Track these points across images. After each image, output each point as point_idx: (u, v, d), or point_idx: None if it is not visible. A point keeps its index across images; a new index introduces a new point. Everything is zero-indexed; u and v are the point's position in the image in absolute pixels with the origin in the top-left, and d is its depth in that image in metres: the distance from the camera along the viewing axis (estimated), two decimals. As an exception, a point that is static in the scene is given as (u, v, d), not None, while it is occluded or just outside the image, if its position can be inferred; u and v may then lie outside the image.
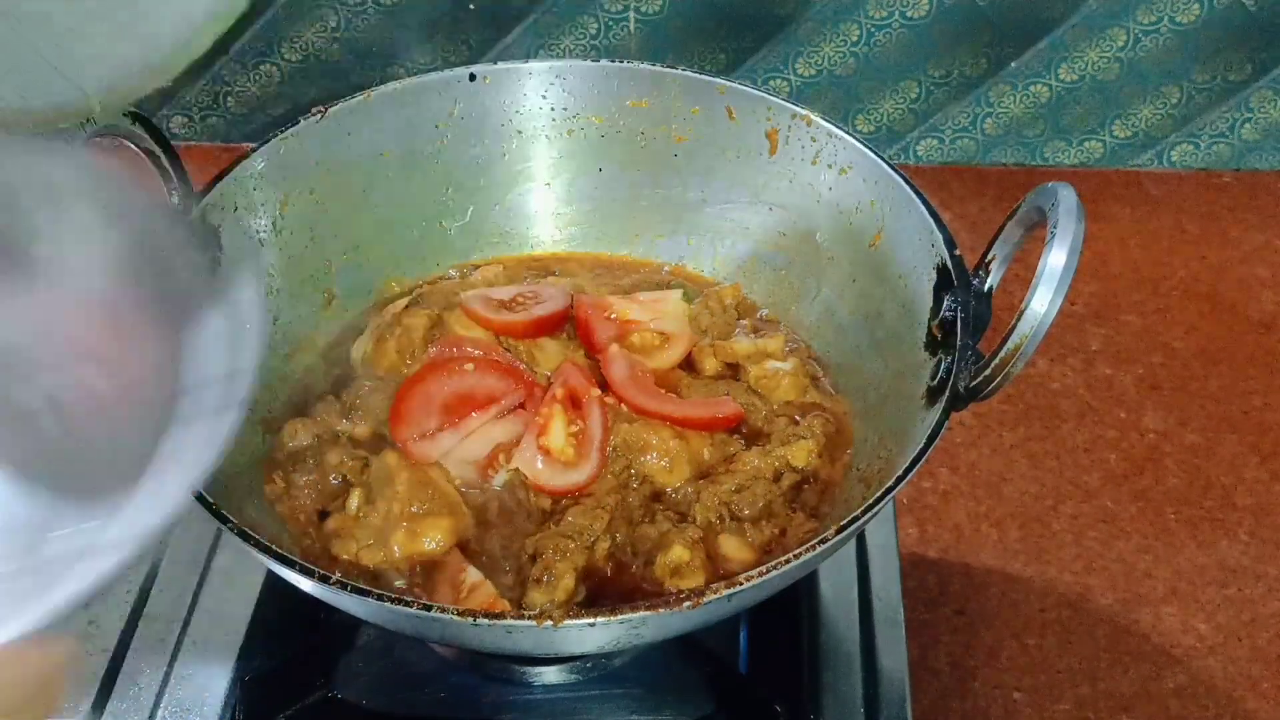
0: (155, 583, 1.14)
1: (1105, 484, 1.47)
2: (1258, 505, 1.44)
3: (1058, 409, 1.54)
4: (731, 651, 1.07)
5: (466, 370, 1.07)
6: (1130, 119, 1.82)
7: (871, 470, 1.05)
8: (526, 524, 1.04)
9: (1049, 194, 0.95)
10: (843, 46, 1.77)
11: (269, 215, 1.16)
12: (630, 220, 1.27)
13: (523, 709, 1.05)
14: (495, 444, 1.06)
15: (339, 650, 1.08)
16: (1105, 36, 1.75)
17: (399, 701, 1.05)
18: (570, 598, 0.99)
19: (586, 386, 1.08)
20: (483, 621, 0.87)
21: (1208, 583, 1.37)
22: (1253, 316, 1.65)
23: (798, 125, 1.18)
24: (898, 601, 1.14)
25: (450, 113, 1.23)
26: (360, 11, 1.77)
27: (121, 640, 1.10)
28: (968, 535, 1.42)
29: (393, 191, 1.23)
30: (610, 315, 1.15)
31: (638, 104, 1.23)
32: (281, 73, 1.83)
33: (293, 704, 1.04)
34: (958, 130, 1.84)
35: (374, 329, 1.15)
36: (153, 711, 1.06)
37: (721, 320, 1.17)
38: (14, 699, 0.61)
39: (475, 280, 1.20)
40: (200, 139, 1.89)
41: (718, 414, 1.09)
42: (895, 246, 1.11)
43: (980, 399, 0.96)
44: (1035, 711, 1.27)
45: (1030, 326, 0.91)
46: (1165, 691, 1.28)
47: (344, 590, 0.88)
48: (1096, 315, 1.65)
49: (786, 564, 0.89)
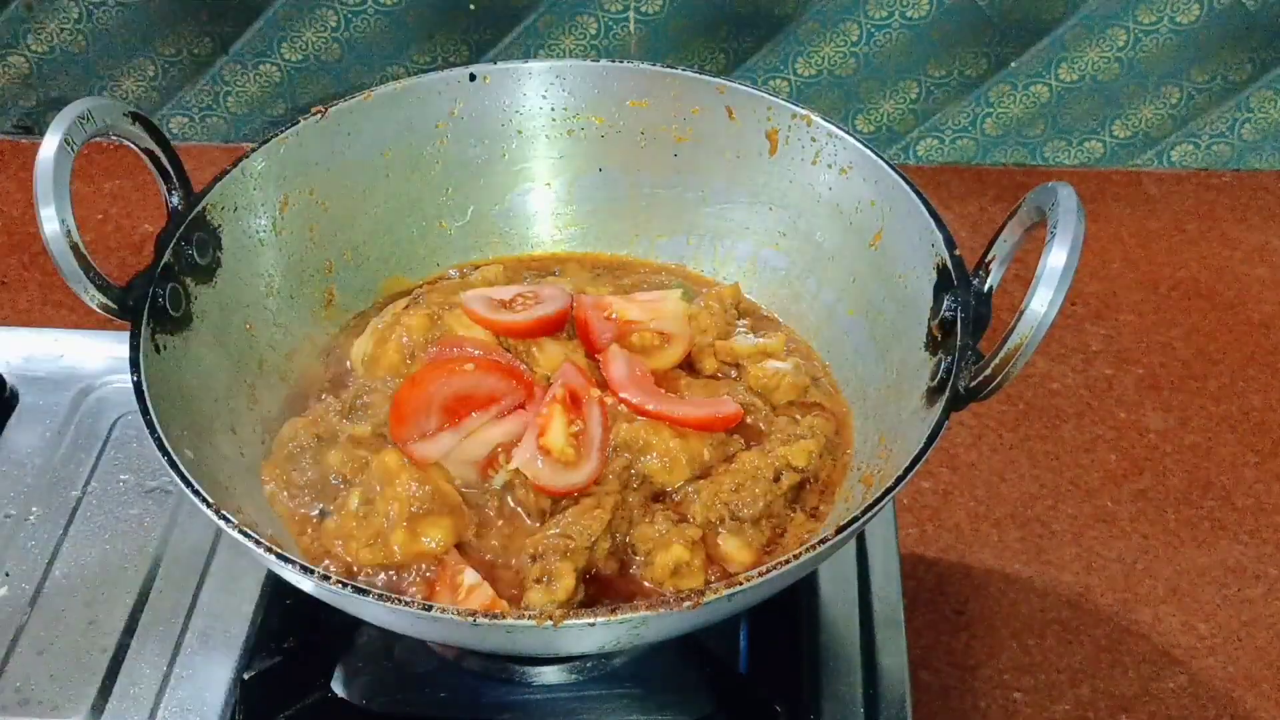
0: (155, 583, 1.14)
1: (1105, 484, 1.47)
2: (1258, 505, 1.44)
3: (1058, 409, 1.54)
4: (731, 651, 1.07)
5: (466, 370, 1.07)
6: (1130, 119, 1.82)
7: (871, 470, 1.05)
8: (526, 524, 1.04)
9: (1049, 194, 0.95)
10: (843, 46, 1.77)
11: (269, 215, 1.16)
12: (630, 220, 1.27)
13: (523, 709, 1.05)
14: (495, 444, 1.06)
15: (339, 650, 1.08)
16: (1105, 36, 1.75)
17: (399, 701, 1.05)
18: (570, 598, 0.99)
19: (586, 386, 1.08)
20: (483, 621, 0.87)
21: (1208, 583, 1.37)
22: (1253, 316, 1.65)
23: (798, 125, 1.18)
24: (898, 601, 1.14)
25: (450, 113, 1.23)
26: (360, 11, 1.78)
27: (121, 640, 1.10)
28: (968, 535, 1.42)
29: (393, 191, 1.23)
30: (610, 315, 1.15)
31: (638, 104, 1.23)
32: (281, 73, 1.83)
33: (293, 704, 1.04)
34: (958, 130, 1.84)
35: (374, 329, 1.15)
36: (153, 711, 1.06)
37: (721, 320, 1.17)
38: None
39: (475, 280, 1.20)
40: (200, 139, 1.89)
41: (718, 414, 1.09)
42: (895, 246, 1.11)
43: (980, 399, 0.96)
44: (1035, 711, 1.27)
45: (1030, 326, 0.91)
46: (1165, 691, 1.29)
47: (344, 590, 0.88)
48: (1096, 315, 1.66)
49: (786, 564, 0.89)
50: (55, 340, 1.34)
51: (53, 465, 1.23)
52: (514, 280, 1.22)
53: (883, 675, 1.08)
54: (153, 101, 1.86)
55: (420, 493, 1.02)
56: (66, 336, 1.35)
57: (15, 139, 1.91)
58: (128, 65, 1.84)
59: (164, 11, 1.79)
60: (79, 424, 1.26)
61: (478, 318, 1.12)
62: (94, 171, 1.84)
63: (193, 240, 1.08)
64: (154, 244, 1.06)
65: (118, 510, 1.20)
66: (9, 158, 1.89)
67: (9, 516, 1.19)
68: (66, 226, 0.97)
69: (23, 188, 1.82)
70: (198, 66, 1.83)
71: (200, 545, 1.17)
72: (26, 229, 1.77)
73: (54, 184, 0.97)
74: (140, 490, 1.21)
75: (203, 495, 0.93)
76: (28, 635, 1.10)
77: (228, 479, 1.03)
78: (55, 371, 1.31)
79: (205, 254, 1.10)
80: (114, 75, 1.85)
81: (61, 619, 1.11)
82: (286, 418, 1.12)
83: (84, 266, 0.98)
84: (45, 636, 1.10)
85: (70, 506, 1.20)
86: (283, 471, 1.07)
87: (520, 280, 1.23)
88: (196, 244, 1.09)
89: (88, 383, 1.30)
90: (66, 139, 0.98)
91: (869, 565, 1.16)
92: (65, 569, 1.15)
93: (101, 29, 1.81)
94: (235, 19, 1.79)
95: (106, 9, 1.79)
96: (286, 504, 1.06)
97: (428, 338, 1.12)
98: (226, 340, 1.11)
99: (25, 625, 1.11)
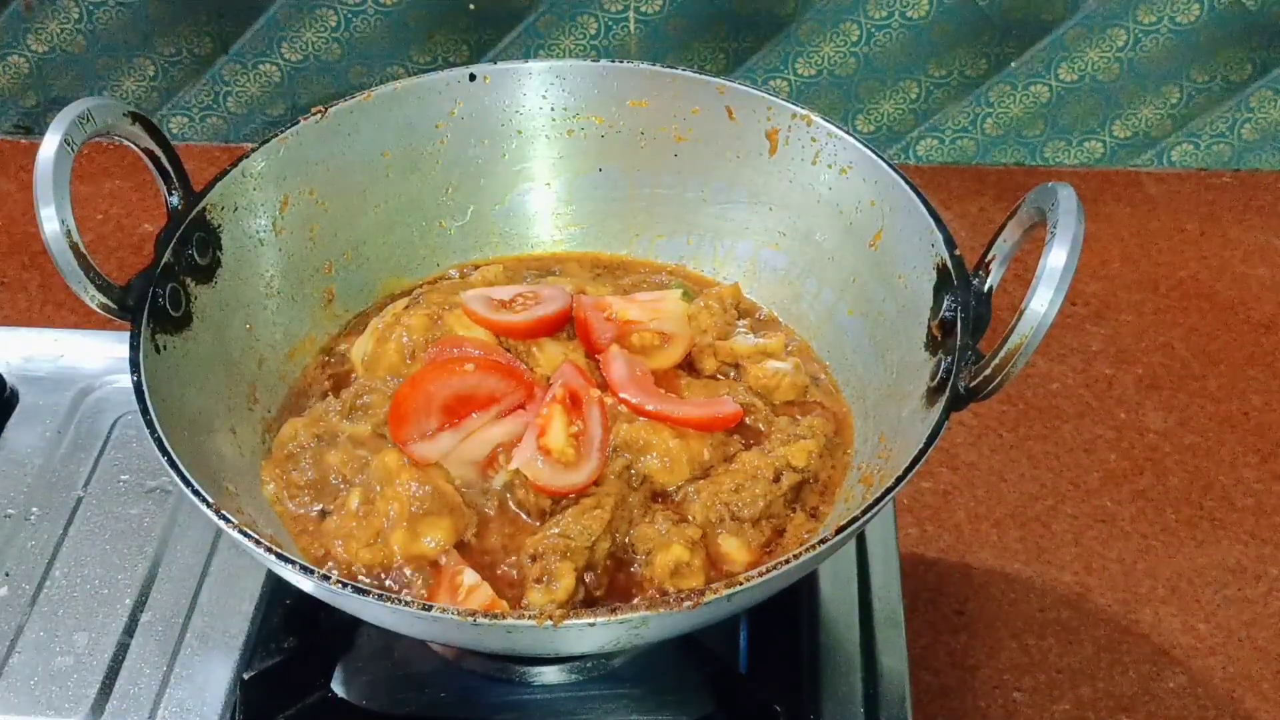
0: (155, 583, 1.14)
1: (1105, 484, 1.47)
2: (1258, 505, 1.44)
3: (1058, 409, 1.54)
4: (731, 651, 1.07)
5: (467, 370, 1.07)
6: (1130, 119, 1.82)
7: (871, 470, 1.05)
8: (526, 524, 1.04)
9: (1049, 194, 0.95)
10: (843, 46, 1.77)
11: (269, 215, 1.16)
12: (630, 220, 1.27)
13: (523, 709, 1.05)
14: (495, 444, 1.06)
15: (339, 650, 1.08)
16: (1105, 36, 1.75)
17: (399, 701, 1.05)
18: (570, 598, 0.99)
19: (586, 387, 1.08)
20: (483, 621, 0.87)
21: (1208, 583, 1.37)
22: (1253, 316, 1.65)
23: (798, 125, 1.18)
24: (898, 601, 1.14)
25: (450, 113, 1.23)
26: (360, 11, 1.78)
27: (121, 640, 1.10)
28: (968, 535, 1.42)
29: (393, 191, 1.23)
30: (610, 315, 1.15)
31: (638, 104, 1.23)
32: (281, 73, 1.83)
33: (293, 704, 1.04)
34: (958, 130, 1.84)
35: (374, 329, 1.15)
36: (153, 711, 1.06)
37: (721, 320, 1.17)
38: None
39: (475, 280, 1.20)
40: (200, 139, 1.89)
41: (718, 414, 1.09)
42: (895, 246, 1.11)
43: (980, 399, 0.96)
44: (1035, 711, 1.27)
45: (1030, 326, 0.91)
46: (1165, 691, 1.29)
47: (344, 590, 0.88)
48: (1096, 315, 1.66)
49: (786, 564, 0.89)
50: (55, 340, 1.34)
51: (53, 465, 1.23)
52: (514, 280, 1.22)
53: (883, 675, 1.08)
54: (153, 101, 1.87)
55: (420, 493, 1.02)
56: (66, 336, 1.35)
57: (15, 139, 1.91)
58: (128, 65, 1.84)
59: (164, 11, 1.79)
60: (79, 424, 1.27)
61: (478, 318, 1.12)
62: (94, 171, 1.84)
63: (193, 240, 1.08)
64: (154, 244, 1.06)
65: (118, 510, 1.20)
66: (9, 158, 1.89)
67: (9, 516, 1.19)
68: (66, 226, 0.97)
69: (23, 188, 1.83)
70: (198, 66, 1.83)
71: (200, 545, 1.17)
72: (26, 229, 1.77)
73: (54, 184, 0.97)
74: (140, 490, 1.21)
75: (203, 495, 0.93)
76: (28, 635, 1.10)
77: (228, 479, 1.03)
78: (55, 371, 1.31)
79: (205, 254, 1.10)
80: (114, 75, 1.85)
81: (61, 619, 1.11)
82: (286, 418, 1.12)
83: (84, 266, 0.99)
84: (45, 636, 1.10)
85: (70, 506, 1.20)
86: (283, 471, 1.07)
87: (520, 280, 1.23)
88: (196, 244, 1.09)
89: (88, 383, 1.30)
90: (66, 139, 0.98)
91: (869, 565, 1.16)
92: (65, 569, 1.15)
93: (101, 29, 1.81)
94: (235, 19, 1.79)
95: (106, 9, 1.79)
96: (286, 504, 1.06)
97: (428, 338, 1.12)
98: (226, 340, 1.11)
99: (25, 625, 1.11)
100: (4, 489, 1.21)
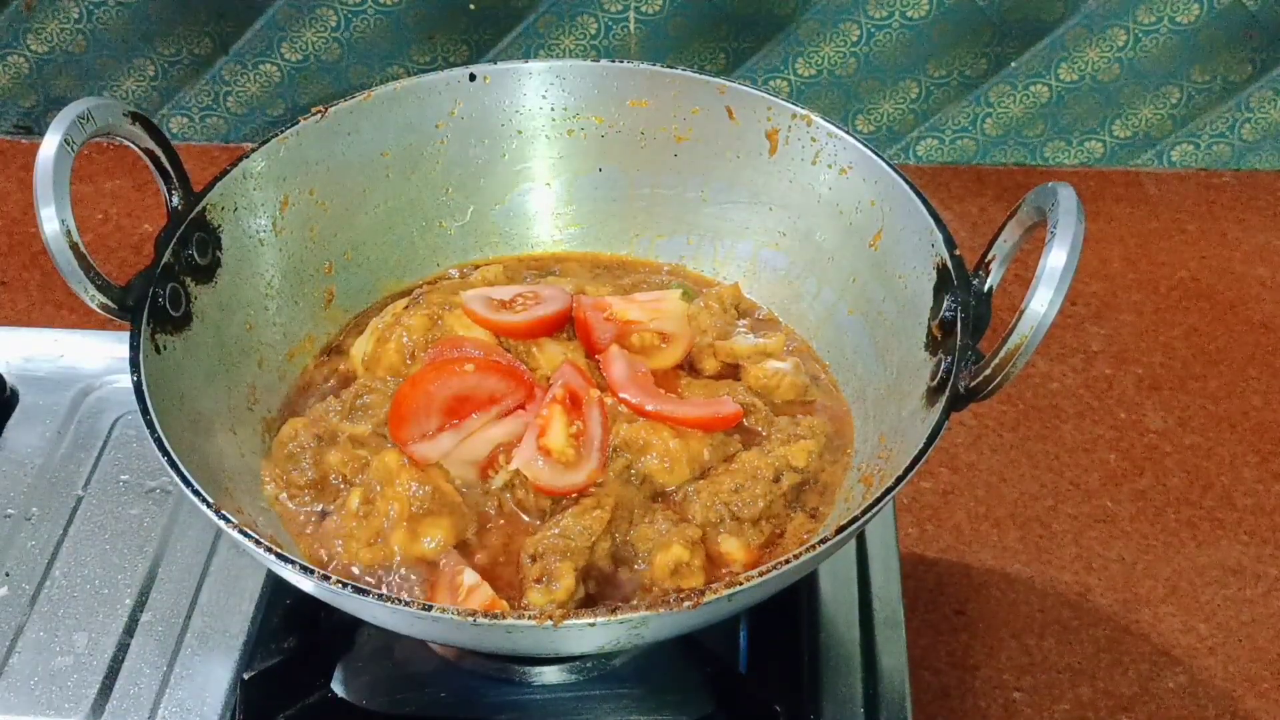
0: (155, 583, 1.14)
1: (1105, 484, 1.47)
2: (1258, 505, 1.44)
3: (1058, 409, 1.54)
4: (731, 651, 1.07)
5: (467, 371, 1.07)
6: (1130, 119, 1.82)
7: (871, 470, 1.05)
8: (526, 524, 1.04)
9: (1049, 194, 0.95)
10: (843, 46, 1.78)
11: (269, 215, 1.16)
12: (630, 220, 1.27)
13: (523, 709, 1.05)
14: (495, 444, 1.06)
15: (339, 650, 1.08)
16: (1105, 36, 1.75)
17: (399, 701, 1.05)
18: (570, 598, 0.99)
19: (586, 387, 1.08)
20: (483, 621, 0.87)
21: (1208, 583, 1.37)
22: (1253, 316, 1.65)
23: (798, 125, 1.18)
24: (898, 601, 1.14)
25: (450, 113, 1.23)
26: (360, 11, 1.78)
27: (121, 640, 1.10)
28: (968, 535, 1.42)
29: (392, 191, 1.23)
30: (610, 315, 1.15)
31: (638, 104, 1.23)
32: (281, 73, 1.83)
33: (293, 704, 1.04)
34: (958, 130, 1.84)
35: (374, 329, 1.15)
36: (153, 711, 1.06)
37: (721, 320, 1.17)
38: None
39: (475, 280, 1.20)
40: (200, 139, 1.89)
41: (718, 414, 1.09)
42: (895, 246, 1.11)
43: (980, 399, 0.96)
44: (1035, 711, 1.27)
45: (1030, 326, 0.91)
46: (1165, 691, 1.29)
47: (344, 590, 0.88)
48: (1096, 315, 1.66)
49: (786, 564, 0.89)
50: (55, 340, 1.34)
51: (53, 465, 1.23)
52: (514, 280, 1.22)
53: (883, 675, 1.08)
54: (153, 101, 1.87)
55: (420, 493, 1.02)
56: (66, 336, 1.35)
57: (15, 139, 1.91)
58: (128, 65, 1.84)
59: (164, 11, 1.79)
60: (79, 424, 1.27)
61: (478, 318, 1.12)
62: (94, 171, 1.84)
63: (193, 240, 1.08)
64: (154, 244, 1.06)
65: (118, 510, 1.20)
66: (9, 158, 1.89)
67: (9, 516, 1.19)
68: (66, 226, 0.97)
69: (23, 188, 1.83)
70: (198, 66, 1.83)
71: (200, 545, 1.17)
72: (26, 229, 1.77)
73: (54, 184, 0.97)
74: (140, 490, 1.21)
75: (203, 495, 0.93)
76: (27, 635, 1.10)
77: (228, 479, 1.03)
78: (55, 371, 1.31)
79: (205, 254, 1.10)
80: (114, 75, 1.85)
81: (61, 619, 1.11)
82: (286, 418, 1.12)
83: (84, 266, 0.99)
84: (45, 636, 1.10)
85: (70, 506, 1.20)
86: (283, 471, 1.07)
87: (520, 280, 1.23)
88: (196, 244, 1.09)
89: (88, 383, 1.30)
90: (66, 139, 0.98)
91: (869, 565, 1.16)
92: (65, 569, 1.15)
93: (101, 29, 1.81)
94: (235, 19, 1.79)
95: (106, 9, 1.79)
96: (286, 504, 1.06)
97: (428, 338, 1.12)
98: (226, 340, 1.11)
99: (25, 625, 1.11)
100: (4, 489, 1.21)
